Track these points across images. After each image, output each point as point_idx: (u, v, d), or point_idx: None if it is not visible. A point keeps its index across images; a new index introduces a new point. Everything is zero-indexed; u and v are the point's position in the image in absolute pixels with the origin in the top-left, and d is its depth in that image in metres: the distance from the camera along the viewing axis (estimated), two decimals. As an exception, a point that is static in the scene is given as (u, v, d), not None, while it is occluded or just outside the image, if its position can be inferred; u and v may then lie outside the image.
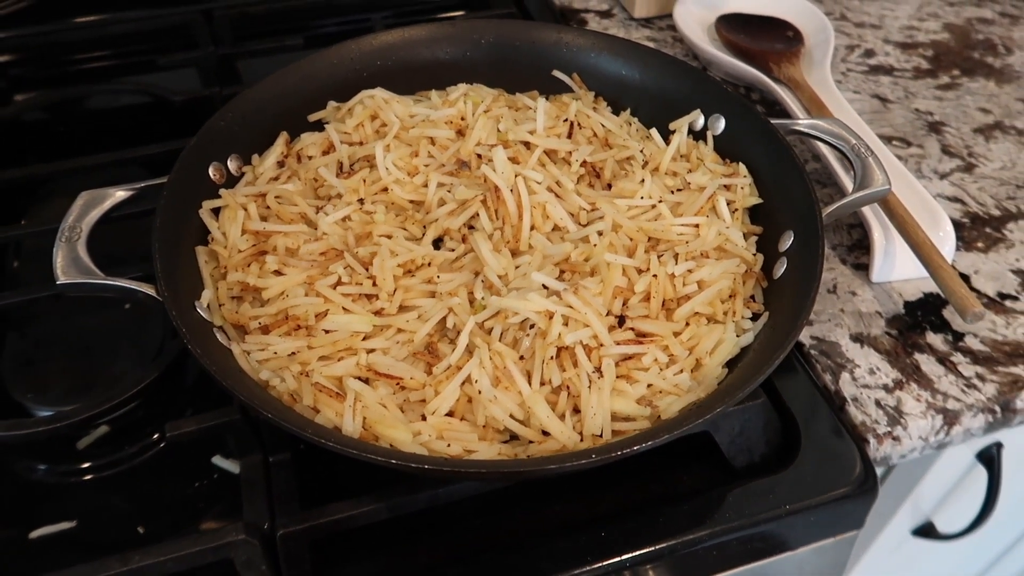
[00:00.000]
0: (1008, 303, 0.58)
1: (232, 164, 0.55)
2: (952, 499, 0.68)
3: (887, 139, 0.71)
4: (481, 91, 0.62)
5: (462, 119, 0.58)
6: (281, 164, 0.56)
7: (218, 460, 0.53)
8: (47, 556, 0.48)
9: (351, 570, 0.45)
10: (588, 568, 0.44)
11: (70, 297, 0.56)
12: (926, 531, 0.69)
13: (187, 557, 0.41)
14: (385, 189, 0.55)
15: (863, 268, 0.60)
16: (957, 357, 0.54)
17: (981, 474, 0.63)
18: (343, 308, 0.47)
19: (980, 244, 0.62)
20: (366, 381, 0.44)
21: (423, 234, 0.53)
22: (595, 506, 0.48)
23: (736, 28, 0.80)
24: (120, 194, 0.50)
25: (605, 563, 0.44)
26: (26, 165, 0.67)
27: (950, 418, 0.51)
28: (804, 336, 0.55)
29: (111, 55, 0.79)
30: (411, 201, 0.55)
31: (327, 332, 0.46)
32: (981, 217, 0.64)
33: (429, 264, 0.50)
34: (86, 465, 0.53)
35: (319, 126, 0.60)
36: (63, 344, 0.57)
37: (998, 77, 0.79)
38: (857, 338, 0.55)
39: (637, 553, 0.45)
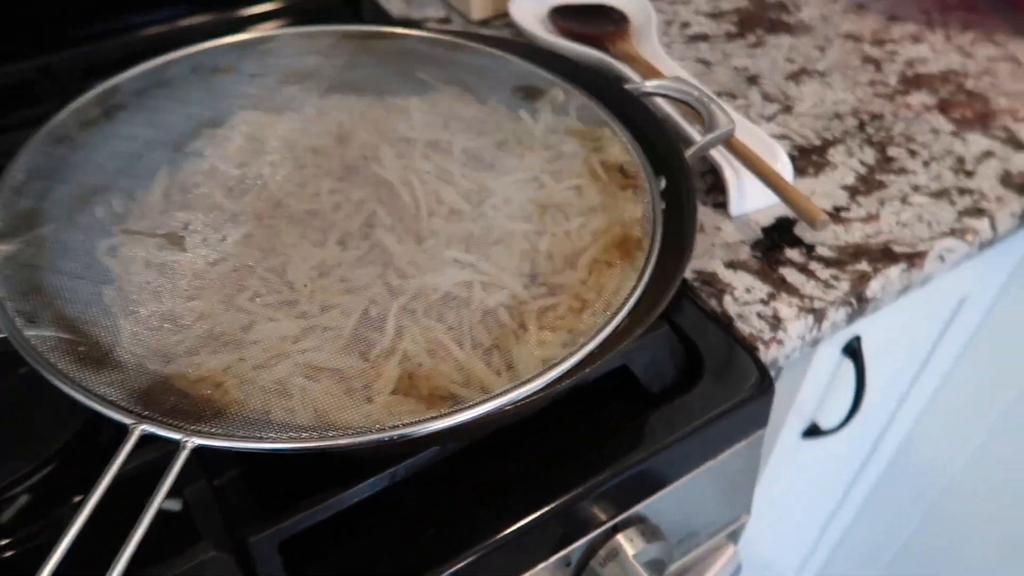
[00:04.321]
0: (843, 214, 0.67)
1: (116, 203, 0.54)
2: (830, 398, 0.77)
3: (717, 95, 0.80)
4: (351, 98, 0.64)
5: (339, 126, 0.61)
6: (167, 196, 0.56)
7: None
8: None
9: (319, 564, 0.46)
10: (554, 504, 0.48)
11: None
12: (813, 431, 0.78)
13: (161, 584, 0.41)
14: (278, 203, 0.56)
15: (722, 206, 0.67)
16: (813, 265, 0.62)
17: (849, 368, 0.73)
18: (267, 318, 0.48)
19: (811, 170, 0.72)
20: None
21: (325, 240, 0.55)
22: (539, 456, 0.52)
23: (569, 17, 0.86)
24: None
25: (565, 498, 0.48)
26: None
27: (819, 315, 0.59)
28: (687, 272, 0.62)
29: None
30: (306, 211, 0.56)
31: (256, 343, 0.47)
32: (807, 148, 0.74)
33: (340, 264, 0.52)
34: (12, 540, 0.50)
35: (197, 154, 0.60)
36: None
37: (794, 31, 0.91)
38: (730, 265, 0.62)
39: (590, 483, 0.49)
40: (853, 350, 0.70)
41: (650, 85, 0.63)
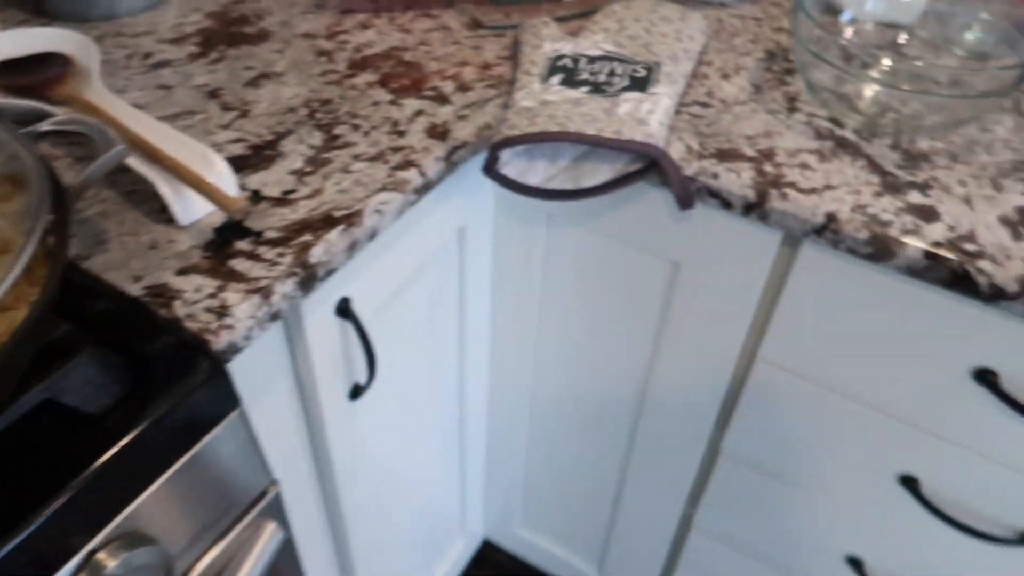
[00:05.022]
0: (290, 196, 0.74)
1: None
2: (356, 357, 0.85)
3: (175, 116, 0.83)
4: None
5: None
6: None
7: None
8: None
9: None
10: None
11: None
12: (356, 392, 0.85)
13: None
14: None
15: (172, 221, 0.71)
16: (261, 250, 0.68)
17: (350, 327, 0.81)
18: None
19: (264, 165, 0.78)
20: None
21: None
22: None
23: (11, 72, 0.84)
24: None
25: (11, 545, 0.48)
26: None
27: (266, 292, 0.65)
28: (136, 289, 0.64)
29: None
30: None
31: None
32: (260, 145, 0.80)
33: None
34: None
35: None
36: None
37: (256, 40, 0.97)
38: (181, 271, 0.66)
39: (39, 522, 0.49)
40: (345, 310, 0.78)
41: (46, 124, 0.64)
